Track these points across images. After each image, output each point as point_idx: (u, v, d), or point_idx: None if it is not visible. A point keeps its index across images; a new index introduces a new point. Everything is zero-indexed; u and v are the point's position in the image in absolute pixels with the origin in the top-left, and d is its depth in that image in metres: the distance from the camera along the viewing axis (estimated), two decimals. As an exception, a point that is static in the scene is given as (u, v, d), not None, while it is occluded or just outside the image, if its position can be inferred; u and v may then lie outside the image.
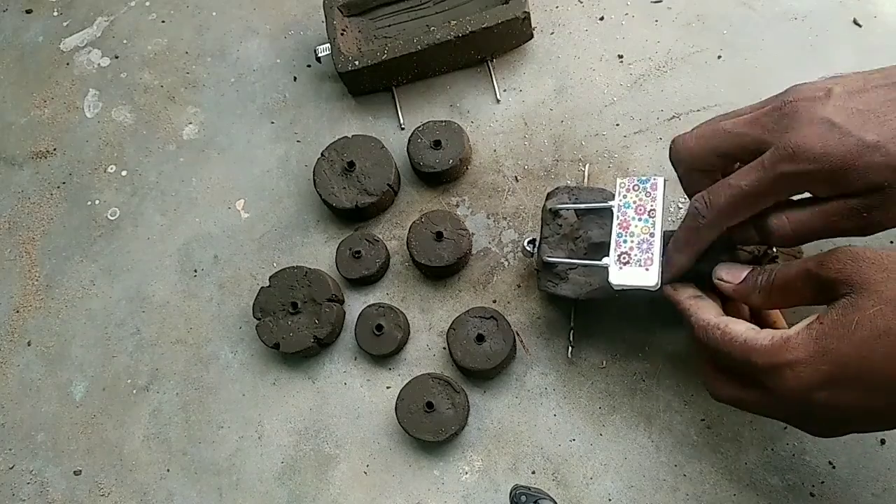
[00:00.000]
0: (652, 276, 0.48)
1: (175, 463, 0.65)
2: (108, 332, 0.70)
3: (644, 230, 0.50)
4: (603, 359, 0.60)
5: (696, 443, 0.56)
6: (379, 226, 0.68)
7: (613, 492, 0.56)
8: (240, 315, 0.68)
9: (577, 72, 0.68)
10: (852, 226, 0.42)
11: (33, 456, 0.67)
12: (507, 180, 0.67)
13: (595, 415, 0.58)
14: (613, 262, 0.50)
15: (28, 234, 0.75)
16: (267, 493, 0.62)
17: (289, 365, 0.65)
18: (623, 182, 0.52)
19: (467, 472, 0.59)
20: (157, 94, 0.78)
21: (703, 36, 0.66)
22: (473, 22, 0.65)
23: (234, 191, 0.72)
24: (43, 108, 0.80)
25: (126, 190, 0.75)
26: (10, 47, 0.84)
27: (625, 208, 0.51)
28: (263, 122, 0.74)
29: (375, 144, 0.67)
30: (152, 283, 0.71)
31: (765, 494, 0.54)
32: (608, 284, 0.50)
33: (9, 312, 0.73)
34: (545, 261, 0.56)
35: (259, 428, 0.64)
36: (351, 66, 0.67)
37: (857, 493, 0.52)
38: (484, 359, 0.58)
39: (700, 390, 0.57)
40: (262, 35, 0.78)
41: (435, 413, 0.58)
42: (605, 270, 0.51)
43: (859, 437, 0.53)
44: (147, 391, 0.67)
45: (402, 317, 0.63)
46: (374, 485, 0.60)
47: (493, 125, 0.69)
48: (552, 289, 0.56)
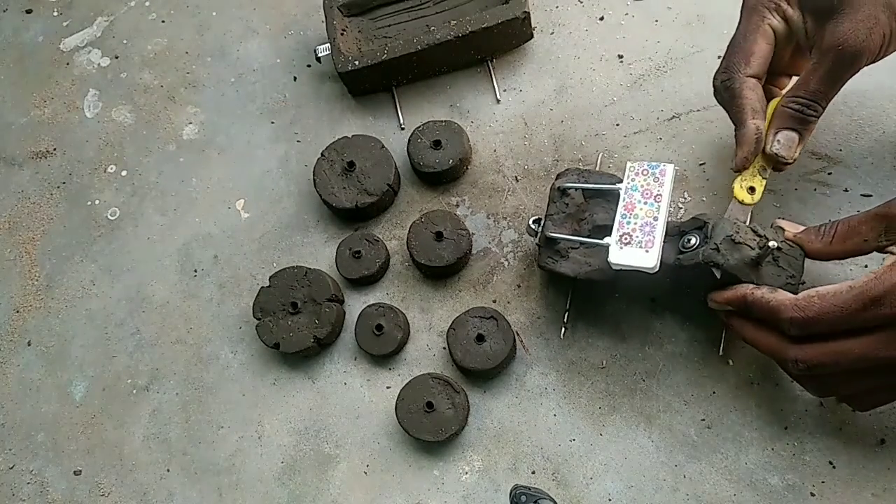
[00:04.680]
0: (651, 257, 0.49)
1: (175, 463, 0.65)
2: (108, 332, 0.70)
3: (648, 213, 0.50)
4: (603, 359, 0.60)
5: (696, 443, 0.56)
6: (379, 226, 0.68)
7: (613, 492, 0.56)
8: (240, 315, 0.68)
9: (577, 72, 0.69)
10: None
11: (33, 456, 0.67)
12: (507, 180, 0.67)
13: (595, 415, 0.58)
14: (615, 242, 0.50)
15: (28, 234, 0.75)
16: (267, 493, 0.62)
17: (289, 365, 0.65)
18: (633, 166, 0.52)
19: (467, 472, 0.59)
20: (157, 94, 0.78)
21: (703, 36, 0.67)
22: (473, 22, 0.66)
23: (234, 191, 0.72)
24: (43, 108, 0.80)
25: (126, 190, 0.75)
26: (10, 47, 0.84)
27: (632, 191, 0.51)
28: (263, 122, 0.74)
29: (375, 144, 0.67)
30: (152, 283, 0.71)
31: (765, 494, 0.54)
32: (608, 264, 0.51)
33: (9, 312, 0.73)
34: (548, 236, 0.56)
35: (259, 428, 0.64)
36: (351, 66, 0.67)
37: (857, 493, 0.52)
38: (484, 359, 0.58)
39: (700, 390, 0.57)
40: (262, 35, 0.78)
41: (435, 413, 0.58)
42: (605, 251, 0.51)
43: (859, 437, 0.53)
44: (147, 391, 0.67)
45: (402, 317, 0.63)
46: (374, 485, 0.60)
47: (493, 125, 0.69)
48: (551, 265, 0.56)
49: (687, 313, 0.58)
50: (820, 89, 0.50)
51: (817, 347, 0.46)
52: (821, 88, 0.50)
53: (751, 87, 0.52)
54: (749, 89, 0.51)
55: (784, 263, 0.50)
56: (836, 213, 0.58)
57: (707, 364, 0.57)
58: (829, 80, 0.50)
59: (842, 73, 0.50)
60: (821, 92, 0.50)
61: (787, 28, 0.52)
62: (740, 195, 0.53)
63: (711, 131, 0.63)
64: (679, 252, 0.51)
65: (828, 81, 0.50)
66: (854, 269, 0.56)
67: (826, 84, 0.50)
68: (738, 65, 0.52)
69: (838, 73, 0.49)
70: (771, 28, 0.52)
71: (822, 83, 0.50)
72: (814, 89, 0.50)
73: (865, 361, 0.44)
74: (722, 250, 0.48)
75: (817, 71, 0.50)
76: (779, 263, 0.50)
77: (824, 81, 0.50)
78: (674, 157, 0.63)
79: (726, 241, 0.48)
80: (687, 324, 0.58)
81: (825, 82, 0.50)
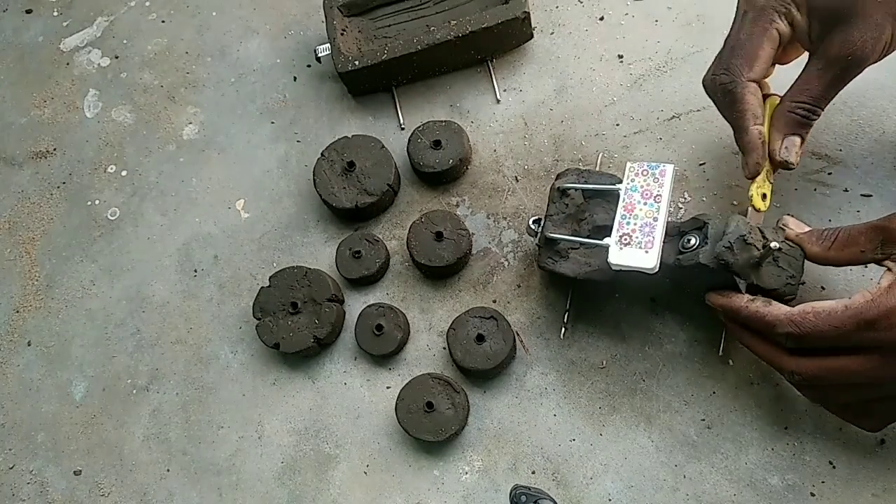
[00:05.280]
0: (651, 258, 0.49)
1: (175, 463, 0.65)
2: (108, 332, 0.70)
3: (648, 214, 0.50)
4: (603, 359, 0.60)
5: (696, 443, 0.56)
6: (379, 226, 0.68)
7: (613, 492, 0.56)
8: (240, 315, 0.68)
9: (577, 72, 0.69)
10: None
11: (33, 456, 0.67)
12: (507, 180, 0.67)
13: (595, 415, 0.58)
14: (614, 243, 0.50)
15: (28, 234, 0.75)
16: (267, 493, 0.62)
17: (289, 365, 0.65)
18: (633, 166, 0.52)
19: (467, 472, 0.59)
20: (157, 94, 0.78)
21: (703, 36, 0.66)
22: (473, 22, 0.66)
23: (234, 191, 0.72)
24: (43, 108, 0.80)
25: (126, 190, 0.75)
26: (10, 47, 0.84)
27: (631, 191, 0.51)
28: (263, 122, 0.74)
29: (375, 144, 0.67)
30: (152, 283, 0.71)
31: (765, 494, 0.54)
32: (607, 265, 0.51)
33: (9, 312, 0.73)
34: (547, 237, 0.56)
35: (259, 428, 0.64)
36: (351, 66, 0.67)
37: (857, 493, 0.52)
38: (484, 359, 0.58)
39: (700, 390, 0.57)
40: (262, 35, 0.78)
41: (435, 413, 0.58)
42: (605, 251, 0.51)
43: (859, 437, 0.53)
44: (147, 391, 0.67)
45: (402, 317, 0.63)
46: (374, 485, 0.60)
47: (493, 125, 0.69)
48: (551, 265, 0.56)
49: (687, 313, 0.58)
50: (824, 95, 0.50)
51: (814, 361, 0.46)
52: (825, 94, 0.50)
53: (752, 91, 0.51)
54: (750, 94, 0.51)
55: (784, 263, 0.50)
56: (836, 213, 0.58)
57: (707, 364, 0.57)
58: (834, 85, 0.50)
59: (847, 79, 0.50)
60: (825, 98, 0.50)
61: (792, 32, 0.52)
62: (758, 203, 0.52)
63: (711, 131, 0.63)
64: (679, 252, 0.51)
65: (833, 87, 0.50)
66: (853, 272, 0.56)
67: (831, 90, 0.50)
68: (740, 68, 0.51)
69: (844, 79, 0.50)
70: (777, 32, 0.51)
71: (827, 89, 0.50)
72: (818, 94, 0.50)
73: (860, 378, 0.44)
74: (735, 250, 0.48)
75: (823, 77, 0.50)
76: (779, 263, 0.50)
77: (829, 87, 0.50)
78: (674, 157, 0.63)
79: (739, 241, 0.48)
80: (687, 324, 0.58)
81: (830, 88, 0.50)
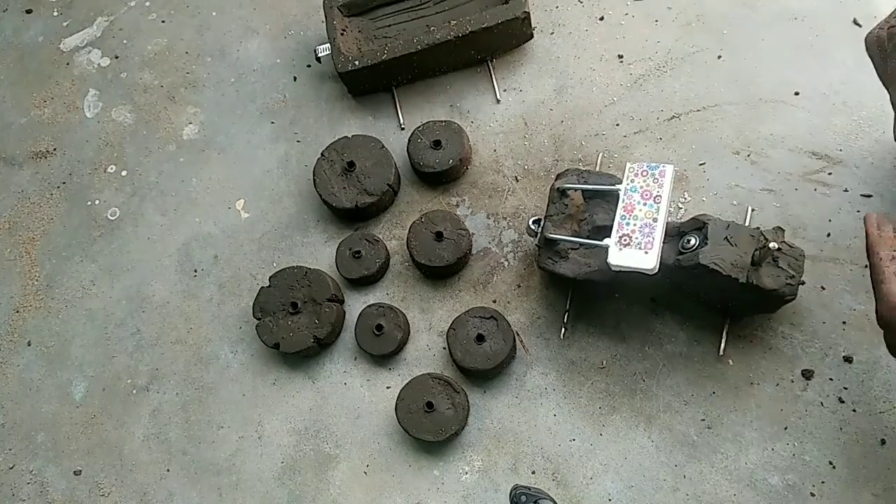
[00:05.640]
0: (651, 259, 0.49)
1: (175, 463, 0.65)
2: (108, 332, 0.70)
3: (648, 214, 0.50)
4: (603, 359, 0.60)
5: (696, 443, 0.56)
6: (379, 226, 0.68)
7: (613, 492, 0.56)
8: (240, 315, 0.68)
9: (577, 72, 0.69)
10: None
11: (33, 456, 0.67)
12: (507, 180, 0.67)
13: (595, 415, 0.58)
14: (614, 244, 0.51)
15: (28, 234, 0.75)
16: (267, 493, 0.62)
17: (289, 365, 0.65)
18: (633, 167, 0.52)
19: (467, 472, 0.59)
20: (157, 94, 0.78)
21: (703, 36, 0.66)
22: (473, 22, 0.66)
23: (234, 191, 0.72)
24: (43, 108, 0.80)
25: (126, 190, 0.75)
26: (10, 47, 0.84)
27: (631, 192, 0.52)
28: (263, 122, 0.74)
29: (375, 144, 0.67)
30: (152, 283, 0.71)
31: (765, 494, 0.54)
32: (607, 265, 0.51)
33: (9, 312, 0.73)
34: (547, 237, 0.56)
35: (259, 428, 0.64)
36: (351, 66, 0.67)
37: (857, 493, 0.52)
38: (484, 359, 0.58)
39: (700, 390, 0.57)
40: (262, 35, 0.78)
41: (435, 413, 0.58)
42: (605, 252, 0.51)
43: (859, 437, 0.53)
44: (147, 391, 0.67)
45: (402, 317, 0.63)
46: (374, 485, 0.60)
47: (493, 125, 0.69)
48: (551, 266, 0.56)
49: (687, 313, 0.58)
50: None
51: None
52: None
53: None
54: None
55: (784, 263, 0.50)
56: (836, 213, 0.58)
57: (707, 364, 0.57)
58: None
59: None
60: None
61: None
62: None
63: (711, 131, 0.63)
64: (679, 253, 0.51)
65: None
66: (853, 272, 0.56)
67: None
68: None
69: None
70: None
71: None
72: None
73: None
74: (718, 251, 0.48)
75: None
76: (778, 264, 0.50)
77: None
78: (674, 157, 0.63)
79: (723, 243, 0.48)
80: (687, 324, 0.58)
81: None
